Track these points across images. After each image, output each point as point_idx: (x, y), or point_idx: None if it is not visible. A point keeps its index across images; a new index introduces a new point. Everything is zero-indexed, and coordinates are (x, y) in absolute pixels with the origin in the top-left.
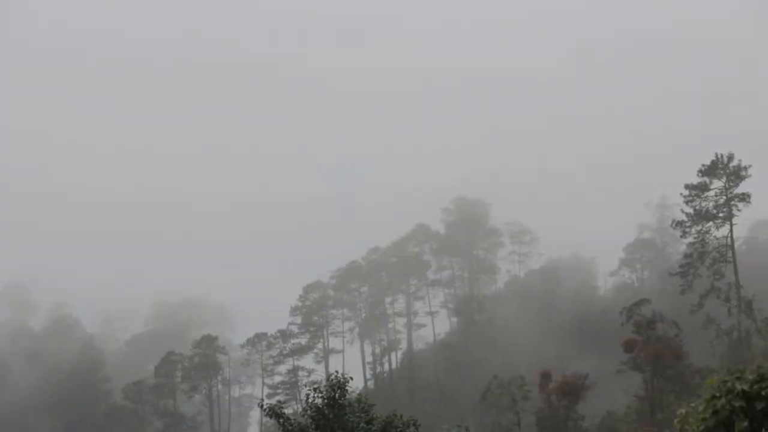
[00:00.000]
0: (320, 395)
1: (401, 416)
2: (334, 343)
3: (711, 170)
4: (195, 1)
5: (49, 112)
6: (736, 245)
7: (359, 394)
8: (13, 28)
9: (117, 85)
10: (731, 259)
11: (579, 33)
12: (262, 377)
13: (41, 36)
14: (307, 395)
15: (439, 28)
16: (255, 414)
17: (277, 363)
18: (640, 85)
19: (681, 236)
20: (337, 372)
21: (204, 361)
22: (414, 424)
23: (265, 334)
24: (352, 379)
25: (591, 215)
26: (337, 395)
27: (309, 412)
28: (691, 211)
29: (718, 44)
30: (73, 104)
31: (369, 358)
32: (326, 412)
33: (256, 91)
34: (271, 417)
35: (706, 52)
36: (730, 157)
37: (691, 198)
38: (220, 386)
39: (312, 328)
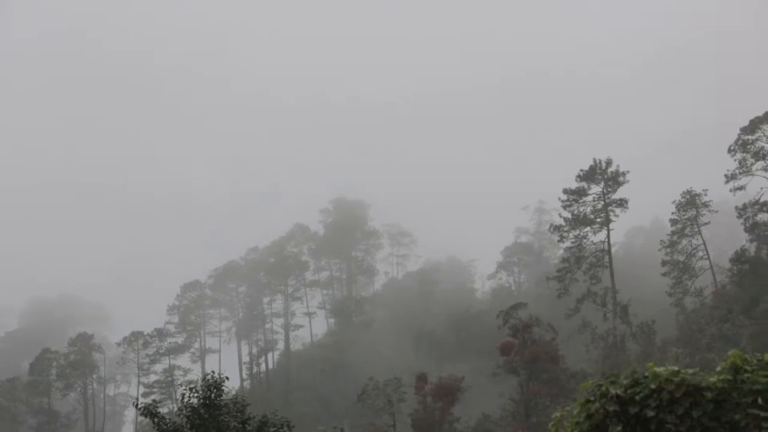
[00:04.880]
0: (196, 395)
1: (276, 415)
2: (211, 342)
3: (589, 175)
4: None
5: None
6: (612, 250)
7: (236, 394)
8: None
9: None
10: (608, 264)
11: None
12: (138, 376)
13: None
14: (183, 395)
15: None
16: (130, 413)
17: (153, 362)
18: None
19: (558, 241)
20: (213, 372)
21: (79, 359)
22: (287, 425)
23: (141, 333)
24: (228, 378)
25: (470, 218)
26: (213, 395)
27: (185, 411)
28: (569, 215)
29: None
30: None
31: (246, 359)
32: (202, 411)
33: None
34: (146, 416)
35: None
36: (609, 163)
37: (569, 203)
38: (95, 384)
39: (189, 328)
